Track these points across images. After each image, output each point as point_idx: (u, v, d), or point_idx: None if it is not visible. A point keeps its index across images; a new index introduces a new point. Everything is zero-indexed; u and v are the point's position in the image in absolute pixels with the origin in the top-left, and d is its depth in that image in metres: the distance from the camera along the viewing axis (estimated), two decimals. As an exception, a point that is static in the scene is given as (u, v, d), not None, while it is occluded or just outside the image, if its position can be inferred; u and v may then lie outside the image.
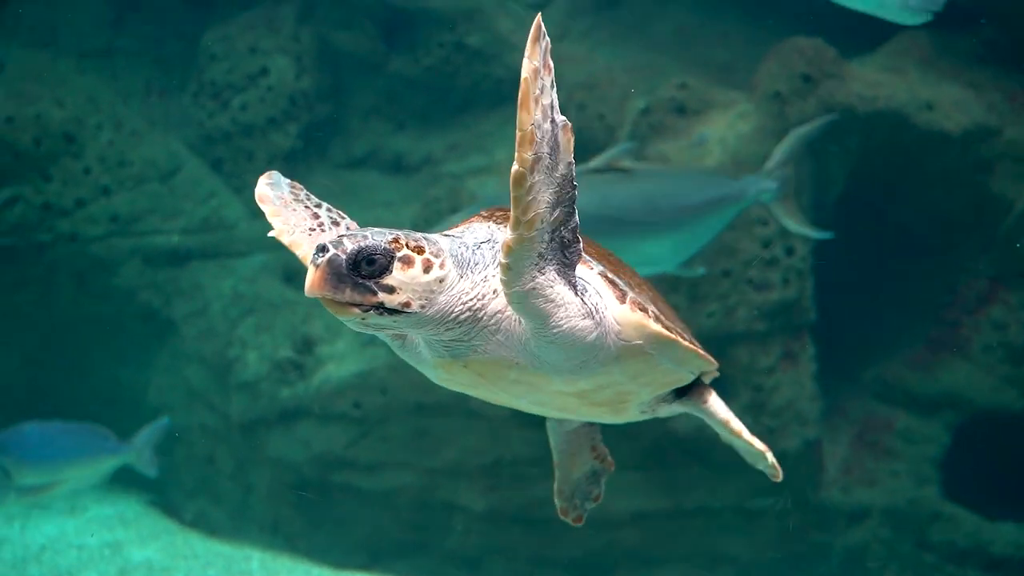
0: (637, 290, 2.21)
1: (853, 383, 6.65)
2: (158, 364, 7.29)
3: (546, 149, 1.81)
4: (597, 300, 2.05)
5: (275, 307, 7.02)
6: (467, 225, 2.19)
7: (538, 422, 6.28)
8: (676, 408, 2.50)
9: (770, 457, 2.51)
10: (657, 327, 2.11)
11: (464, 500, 6.27)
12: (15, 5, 7.63)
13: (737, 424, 2.50)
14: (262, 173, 2.47)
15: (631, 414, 2.47)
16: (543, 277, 1.92)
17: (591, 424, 2.84)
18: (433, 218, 7.02)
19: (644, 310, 2.11)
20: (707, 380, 2.55)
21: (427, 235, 2.00)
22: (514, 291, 1.92)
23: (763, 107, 6.28)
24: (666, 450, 6.08)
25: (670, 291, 5.88)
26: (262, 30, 7.65)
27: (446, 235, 2.10)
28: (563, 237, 1.92)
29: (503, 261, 1.88)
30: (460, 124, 7.69)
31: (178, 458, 7.07)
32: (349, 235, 1.88)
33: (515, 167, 1.79)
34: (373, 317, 1.90)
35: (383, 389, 6.41)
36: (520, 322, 2.02)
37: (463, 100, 7.74)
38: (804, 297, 6.12)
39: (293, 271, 7.12)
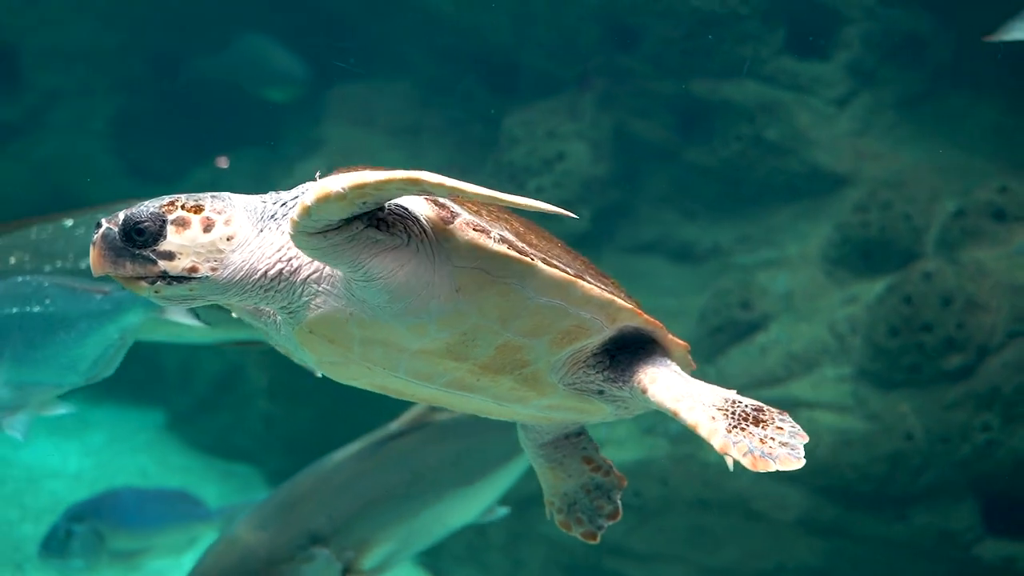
0: (499, 221, 1.94)
1: None
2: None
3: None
4: (411, 225, 1.83)
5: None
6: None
7: (823, 528, 5.97)
8: (620, 392, 2.09)
9: (729, 461, 1.86)
10: (498, 247, 1.83)
11: (741, 604, 6.06)
12: (340, 87, 8.32)
13: (691, 416, 1.93)
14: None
15: (557, 394, 2.12)
16: (336, 231, 1.77)
17: (579, 434, 2.48)
18: (722, 310, 6.95)
19: (484, 231, 1.84)
20: (678, 361, 2.13)
21: (218, 193, 1.87)
22: (299, 240, 1.78)
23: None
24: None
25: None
26: (562, 116, 7.92)
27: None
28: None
29: (305, 206, 1.72)
30: (751, 216, 7.61)
31: (453, 525, 7.25)
32: (127, 207, 1.78)
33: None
34: (165, 288, 1.79)
35: (664, 480, 6.34)
36: None
37: (756, 192, 7.67)
38: None
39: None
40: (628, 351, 2.10)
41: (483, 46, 8.46)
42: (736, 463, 1.84)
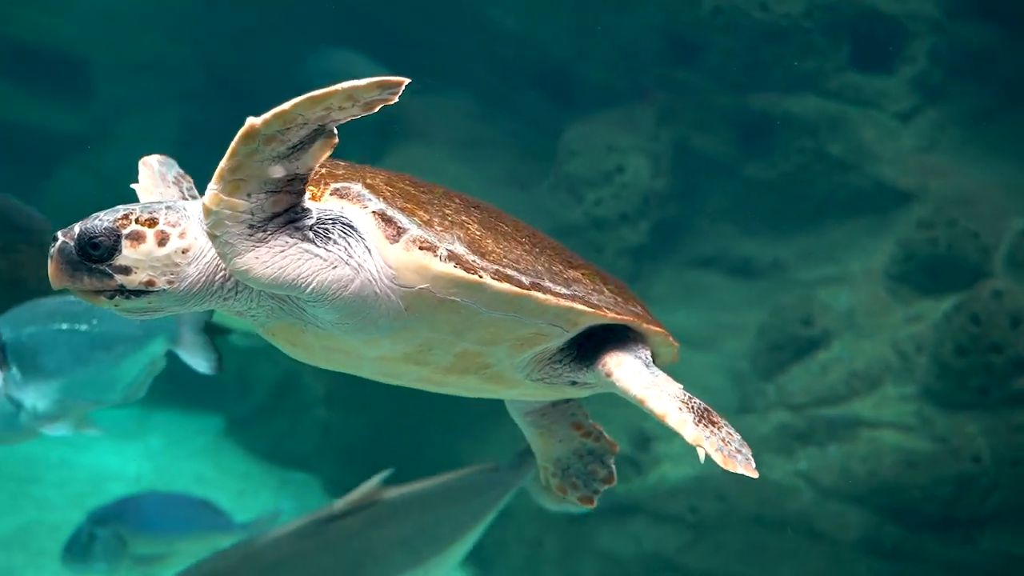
0: (453, 229, 1.87)
1: None
2: (493, 440, 7.55)
3: (295, 137, 1.65)
4: (354, 244, 1.78)
5: (613, 399, 7.07)
6: None
7: (886, 550, 5.85)
8: (587, 377, 2.07)
9: (701, 453, 1.88)
10: (443, 266, 1.78)
11: (799, 625, 5.97)
12: (403, 100, 8.37)
13: (659, 405, 1.91)
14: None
15: (527, 387, 2.11)
16: (267, 246, 1.72)
17: (567, 401, 2.44)
18: (782, 326, 6.87)
19: (431, 248, 1.79)
20: (657, 348, 2.11)
21: (173, 204, 1.83)
22: (233, 265, 1.73)
23: None
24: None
25: None
26: (622, 129, 7.91)
27: None
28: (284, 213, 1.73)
29: (207, 227, 1.69)
30: (812, 231, 7.53)
31: (508, 536, 7.24)
32: (84, 220, 1.75)
33: (251, 122, 1.64)
34: (124, 301, 1.77)
35: (721, 496, 6.27)
36: None
37: (817, 207, 7.59)
38: None
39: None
40: (598, 339, 2.06)
41: (543, 59, 8.49)
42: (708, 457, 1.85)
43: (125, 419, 9.24)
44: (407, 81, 1.61)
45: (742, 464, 1.85)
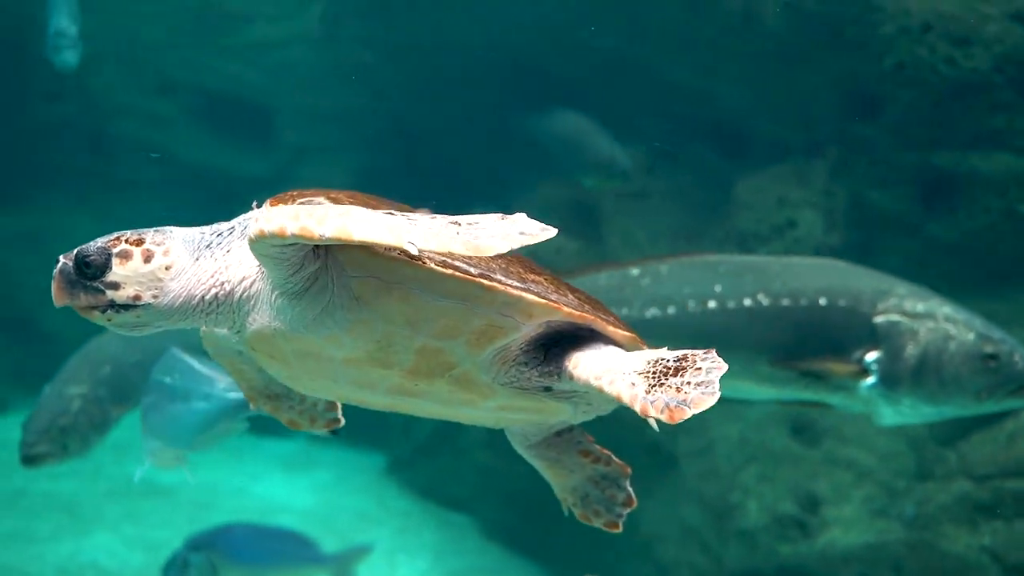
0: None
1: None
2: (656, 495, 7.49)
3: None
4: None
5: (780, 459, 6.94)
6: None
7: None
8: (559, 384, 2.03)
9: (653, 423, 1.83)
10: (388, 253, 1.85)
11: None
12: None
13: (614, 389, 1.86)
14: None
15: (500, 395, 2.08)
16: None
17: (570, 429, 2.42)
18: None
19: None
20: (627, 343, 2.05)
21: (161, 228, 2.01)
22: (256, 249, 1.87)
23: None
24: None
25: None
26: (794, 183, 7.80)
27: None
28: None
29: (250, 234, 1.83)
30: (998, 293, 7.19)
31: (667, 591, 7.16)
32: (85, 245, 1.94)
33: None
34: (115, 315, 1.94)
35: (897, 567, 6.02)
36: (265, 282, 1.97)
37: (1005, 268, 7.25)
38: None
39: (802, 424, 7.02)
40: (565, 344, 2.05)
41: (714, 112, 8.48)
42: (659, 422, 1.79)
43: (295, 453, 9.63)
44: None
45: (693, 403, 1.75)
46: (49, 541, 7.44)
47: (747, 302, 4.48)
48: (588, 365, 1.96)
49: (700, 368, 1.82)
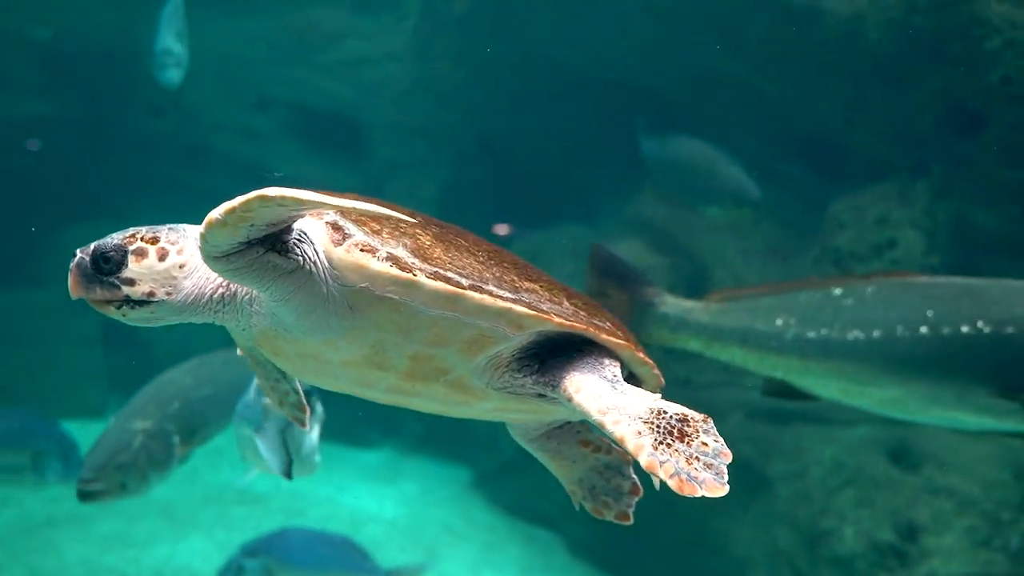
0: (402, 238, 1.99)
1: None
2: (747, 517, 7.36)
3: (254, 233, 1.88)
4: (308, 250, 1.94)
5: (877, 484, 6.75)
6: None
7: None
8: (557, 395, 2.04)
9: (656, 481, 1.82)
10: (380, 265, 1.91)
11: None
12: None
13: (617, 430, 1.87)
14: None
15: (494, 398, 2.12)
16: (242, 253, 1.90)
17: (568, 422, 2.42)
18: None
19: (371, 251, 1.92)
20: (636, 369, 2.13)
21: (176, 225, 2.04)
22: (210, 264, 1.92)
23: None
24: None
25: None
26: (894, 202, 7.62)
27: None
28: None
29: (200, 233, 1.85)
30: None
31: (758, 617, 7.01)
32: (102, 240, 1.97)
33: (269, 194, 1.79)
34: (129, 311, 1.99)
35: (1002, 600, 5.80)
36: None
37: (1118, 292, 6.97)
38: None
39: (901, 449, 6.83)
40: (563, 354, 2.08)
41: (812, 129, 8.34)
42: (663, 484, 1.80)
43: (382, 464, 9.72)
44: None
45: (705, 485, 1.76)
46: (146, 544, 7.63)
47: (964, 328, 4.17)
48: (591, 395, 1.98)
49: (707, 444, 1.84)
